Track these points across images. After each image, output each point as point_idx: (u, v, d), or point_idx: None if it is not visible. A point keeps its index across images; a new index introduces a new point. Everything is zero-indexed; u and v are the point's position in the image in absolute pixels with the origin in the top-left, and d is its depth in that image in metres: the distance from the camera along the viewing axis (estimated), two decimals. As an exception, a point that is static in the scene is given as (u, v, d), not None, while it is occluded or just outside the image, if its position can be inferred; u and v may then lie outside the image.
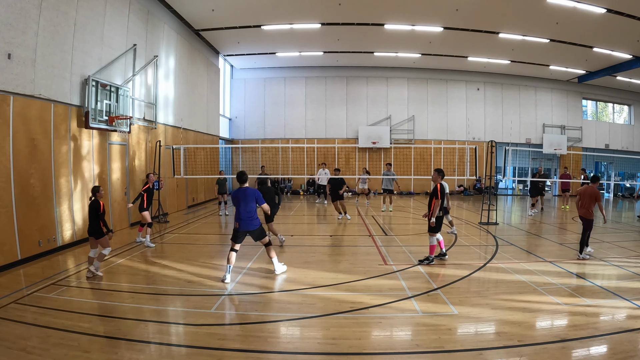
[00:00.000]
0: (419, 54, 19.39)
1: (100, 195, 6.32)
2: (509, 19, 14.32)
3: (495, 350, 3.87)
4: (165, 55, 13.26)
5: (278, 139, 22.14)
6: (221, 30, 16.07)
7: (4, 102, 6.64)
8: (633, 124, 24.68)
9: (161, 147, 12.00)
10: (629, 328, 4.34)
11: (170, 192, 13.56)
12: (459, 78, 22.47)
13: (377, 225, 11.41)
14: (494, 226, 11.32)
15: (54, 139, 7.89)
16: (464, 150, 21.57)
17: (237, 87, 22.59)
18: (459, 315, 4.74)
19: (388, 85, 22.40)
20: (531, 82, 22.90)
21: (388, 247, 8.58)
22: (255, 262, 7.14)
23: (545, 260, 7.36)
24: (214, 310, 4.90)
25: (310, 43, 18.01)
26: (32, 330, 4.22)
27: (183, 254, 7.78)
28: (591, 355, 3.86)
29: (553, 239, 9.74)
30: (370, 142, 21.15)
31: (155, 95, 12.44)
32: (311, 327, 4.45)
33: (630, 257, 7.67)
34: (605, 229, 10.99)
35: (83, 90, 8.73)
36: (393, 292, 5.53)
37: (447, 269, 6.79)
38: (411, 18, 14.72)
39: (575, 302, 5.13)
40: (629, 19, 13.28)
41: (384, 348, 3.97)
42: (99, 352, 3.77)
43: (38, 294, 5.35)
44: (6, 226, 6.65)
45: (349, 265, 7.08)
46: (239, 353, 3.82)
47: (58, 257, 7.50)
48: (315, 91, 22.28)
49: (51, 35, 7.70)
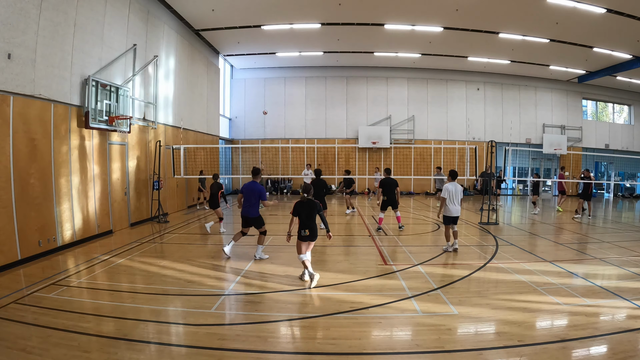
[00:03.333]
0: (419, 54, 19.40)
1: None
2: (509, 19, 14.33)
3: (495, 350, 3.87)
4: (165, 55, 13.26)
5: (278, 139, 22.14)
6: (221, 30, 16.07)
7: (4, 102, 6.64)
8: (633, 124, 24.69)
9: (161, 147, 12.01)
10: (629, 328, 4.33)
11: (170, 192, 13.56)
12: (459, 78, 22.47)
13: (377, 225, 11.39)
14: (494, 226, 11.32)
15: (54, 139, 7.89)
16: (464, 150, 21.59)
17: (237, 87, 22.60)
18: (459, 315, 4.74)
19: (388, 85, 22.40)
20: (531, 82, 22.90)
21: (388, 247, 8.58)
22: (255, 262, 7.14)
23: (545, 260, 7.36)
24: (214, 310, 4.90)
25: (310, 43, 18.01)
26: (32, 330, 4.22)
27: (183, 254, 7.78)
28: (591, 355, 3.86)
29: (553, 239, 9.74)
30: (370, 142, 21.15)
31: (155, 95, 12.44)
32: (311, 327, 4.44)
33: (630, 257, 7.66)
34: (606, 229, 11.00)
35: (83, 90, 8.73)
36: (393, 292, 5.53)
37: (447, 269, 6.79)
38: (411, 18, 14.72)
39: (575, 302, 5.13)
40: (629, 19, 13.29)
41: (384, 348, 3.97)
42: (99, 352, 3.77)
43: (38, 294, 5.35)
44: (6, 226, 6.65)
45: (349, 265, 7.08)
46: (239, 353, 3.82)
47: (58, 257, 7.49)
48: (315, 91, 22.28)
49: (51, 35, 7.70)
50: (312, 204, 5.90)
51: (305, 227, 5.82)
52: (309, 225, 5.84)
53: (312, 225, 5.89)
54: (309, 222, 5.84)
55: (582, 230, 11.21)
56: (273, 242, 8.95)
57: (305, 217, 5.86)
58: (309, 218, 5.85)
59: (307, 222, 5.84)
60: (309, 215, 5.86)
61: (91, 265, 6.96)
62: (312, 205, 5.89)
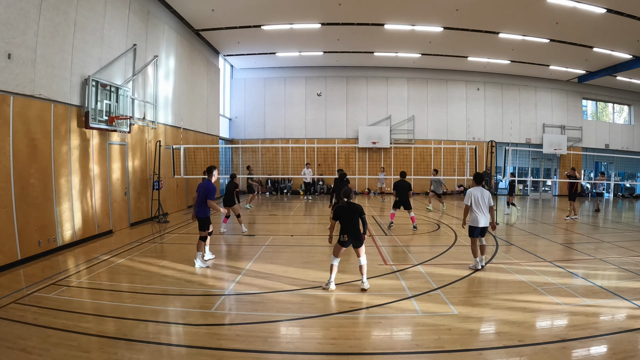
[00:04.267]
0: (419, 54, 19.40)
1: None
2: (509, 19, 14.32)
3: (495, 350, 3.87)
4: (165, 55, 13.26)
5: (278, 139, 22.14)
6: (221, 30, 16.07)
7: (4, 102, 6.64)
8: (633, 124, 24.68)
9: (161, 147, 12.01)
10: (629, 328, 4.33)
11: (170, 192, 13.56)
12: (459, 78, 22.47)
13: (377, 225, 11.42)
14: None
15: (54, 139, 7.89)
16: (464, 150, 21.59)
17: (237, 87, 22.60)
18: (459, 315, 4.74)
19: (388, 85, 22.40)
20: (531, 82, 22.90)
21: (388, 247, 8.58)
22: (255, 263, 7.14)
23: (545, 260, 7.36)
24: (214, 310, 4.90)
25: (310, 43, 18.01)
26: (32, 330, 4.22)
27: (183, 254, 7.77)
28: (591, 355, 3.86)
29: (553, 239, 9.74)
30: (370, 142, 21.15)
31: (155, 95, 12.44)
32: (311, 327, 4.44)
33: (630, 257, 7.66)
34: (606, 229, 11.00)
35: (83, 90, 8.73)
36: (393, 292, 5.53)
37: (447, 269, 6.78)
38: (411, 18, 14.72)
39: (575, 302, 5.13)
40: (629, 19, 13.28)
41: (384, 348, 3.97)
42: (99, 352, 3.77)
43: (38, 294, 5.35)
44: (6, 226, 6.65)
45: (349, 265, 7.08)
46: (239, 353, 3.82)
47: (58, 257, 7.49)
48: (315, 91, 22.28)
49: (51, 35, 7.69)
50: (353, 207, 5.65)
51: (345, 232, 5.60)
52: (350, 230, 5.60)
53: (354, 230, 5.62)
54: (350, 227, 5.61)
55: (582, 230, 11.21)
56: (273, 242, 8.96)
57: (346, 221, 5.62)
58: (350, 222, 5.61)
59: (348, 226, 5.61)
60: (350, 219, 5.62)
61: (91, 265, 6.96)
62: (354, 209, 5.65)
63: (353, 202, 5.72)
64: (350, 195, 5.81)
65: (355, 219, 5.63)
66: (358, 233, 5.64)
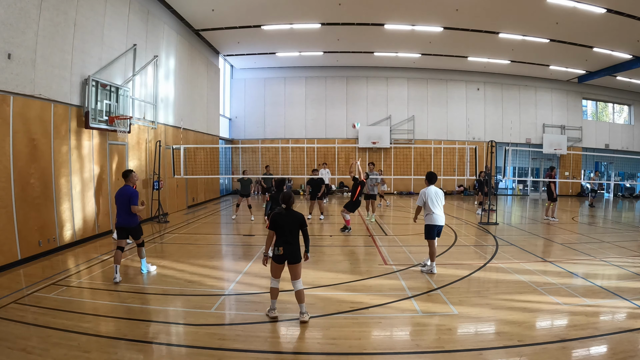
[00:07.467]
0: (419, 54, 19.39)
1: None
2: (509, 19, 14.32)
3: (495, 350, 3.87)
4: (165, 55, 13.27)
5: (278, 139, 22.14)
6: (221, 30, 16.07)
7: (4, 102, 6.64)
8: (633, 124, 24.68)
9: (161, 147, 12.01)
10: (629, 328, 4.33)
11: (170, 192, 13.56)
12: (459, 78, 22.47)
13: (377, 225, 11.41)
14: (494, 226, 11.32)
15: (54, 139, 7.89)
16: (464, 150, 21.58)
17: (237, 87, 22.60)
18: (459, 315, 4.74)
19: (388, 85, 22.40)
20: (531, 82, 22.90)
21: (388, 247, 8.58)
22: (255, 263, 7.13)
23: (545, 260, 7.36)
24: (214, 310, 4.90)
25: (310, 43, 18.01)
26: (32, 330, 4.22)
27: (183, 254, 7.78)
28: (591, 355, 3.85)
29: (553, 239, 9.74)
30: (370, 142, 21.14)
31: (155, 95, 12.44)
32: (311, 327, 4.44)
33: (630, 257, 7.66)
34: (606, 229, 11.00)
35: (83, 90, 8.73)
36: (393, 292, 5.53)
37: (447, 269, 6.78)
38: (411, 18, 14.72)
39: (575, 302, 5.13)
40: (629, 19, 13.28)
41: (384, 348, 3.97)
42: (99, 352, 3.77)
43: (38, 294, 5.35)
44: (6, 226, 6.65)
45: (349, 265, 7.08)
46: (239, 353, 3.82)
47: (58, 257, 7.49)
48: (315, 91, 22.29)
49: (51, 35, 7.69)
50: (294, 215, 4.63)
51: (281, 244, 4.52)
52: (288, 242, 4.53)
53: (292, 243, 4.56)
54: (290, 239, 4.55)
55: (582, 230, 11.21)
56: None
57: (285, 231, 4.56)
58: (290, 234, 4.57)
59: (288, 238, 4.55)
60: (290, 230, 4.57)
61: (91, 265, 6.97)
62: (294, 218, 4.62)
63: (294, 210, 4.69)
64: (290, 200, 4.68)
65: (296, 230, 4.62)
66: (297, 247, 4.60)
